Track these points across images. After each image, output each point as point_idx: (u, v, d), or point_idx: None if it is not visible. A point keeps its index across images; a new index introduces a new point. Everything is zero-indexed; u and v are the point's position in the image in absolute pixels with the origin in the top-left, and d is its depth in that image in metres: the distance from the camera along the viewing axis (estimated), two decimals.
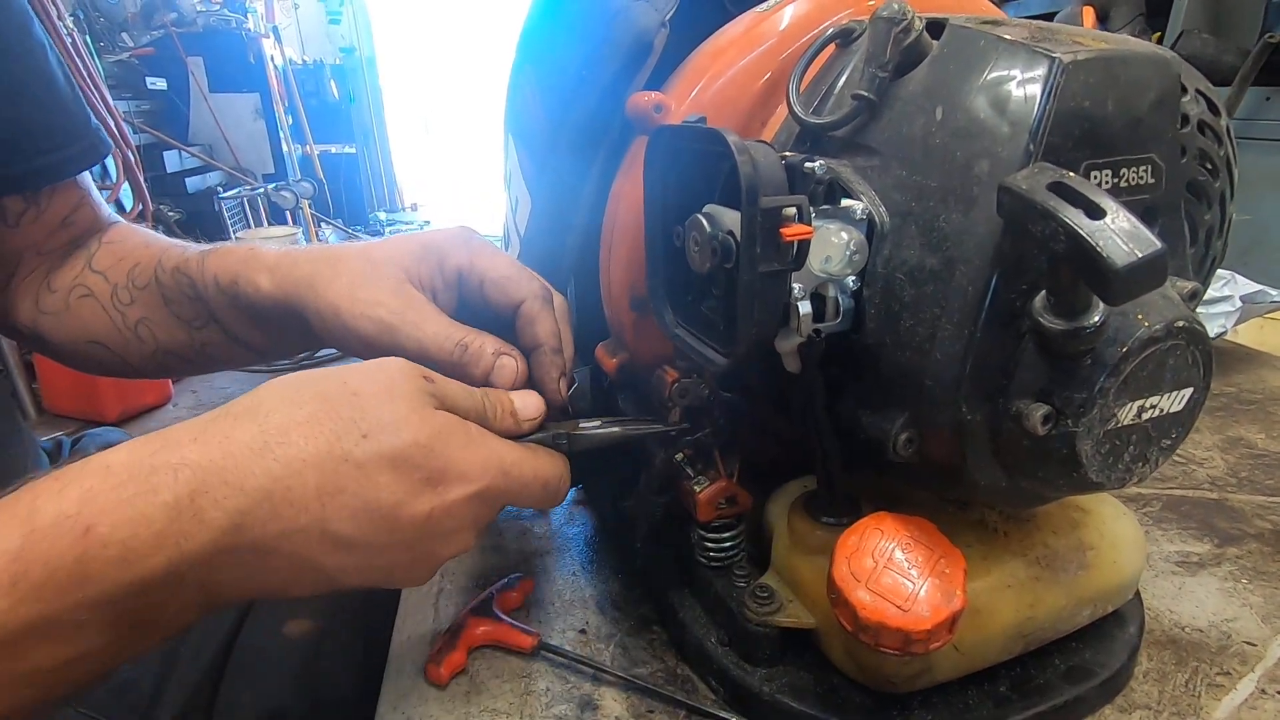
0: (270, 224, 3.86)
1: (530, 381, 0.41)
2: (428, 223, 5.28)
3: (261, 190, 3.83)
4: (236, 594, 0.32)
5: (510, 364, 0.39)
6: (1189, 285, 0.31)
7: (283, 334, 0.48)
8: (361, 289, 0.41)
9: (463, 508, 0.33)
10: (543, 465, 0.37)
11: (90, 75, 2.84)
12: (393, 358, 0.35)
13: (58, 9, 2.59)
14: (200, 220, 3.51)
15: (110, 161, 3.03)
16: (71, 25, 2.70)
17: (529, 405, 0.38)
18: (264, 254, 0.46)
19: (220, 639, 0.55)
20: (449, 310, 0.43)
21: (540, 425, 0.38)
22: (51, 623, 0.27)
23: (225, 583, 0.31)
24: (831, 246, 0.31)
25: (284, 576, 0.31)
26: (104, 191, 2.95)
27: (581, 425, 0.39)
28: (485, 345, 0.39)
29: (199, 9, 3.78)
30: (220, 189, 3.70)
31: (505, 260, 0.43)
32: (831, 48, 0.37)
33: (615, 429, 0.40)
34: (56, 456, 0.64)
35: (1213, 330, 0.78)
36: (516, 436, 0.37)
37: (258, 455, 0.30)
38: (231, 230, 3.57)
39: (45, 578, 0.27)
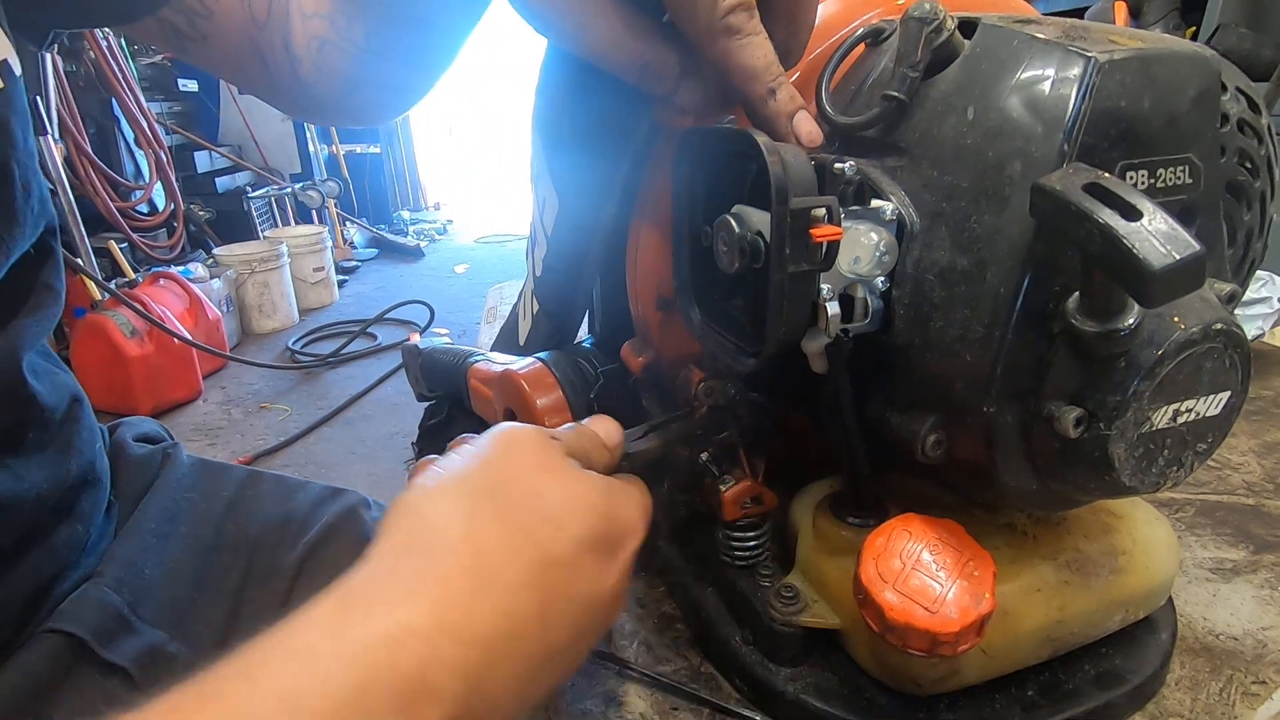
0: (297, 223, 3.92)
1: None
2: (450, 222, 5.33)
3: (289, 190, 3.89)
4: None
5: (807, 122, 0.34)
6: (1227, 287, 0.30)
7: None
8: None
9: (630, 563, 0.31)
10: (644, 488, 0.35)
11: (125, 77, 2.91)
12: (511, 425, 0.32)
13: None
14: (229, 219, 3.58)
15: (143, 161, 3.10)
16: (107, 29, 2.77)
17: (611, 432, 0.36)
18: None
19: (267, 627, 0.56)
20: None
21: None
22: None
23: None
24: (861, 247, 0.31)
25: (510, 713, 0.27)
26: (136, 193, 3.03)
27: (632, 441, 0.39)
28: (784, 101, 0.33)
29: None
30: (249, 189, 3.77)
31: None
32: (861, 47, 0.37)
33: (656, 440, 0.40)
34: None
35: (1250, 332, 0.77)
36: (611, 467, 0.36)
37: (475, 595, 0.25)
38: (260, 229, 3.64)
39: None
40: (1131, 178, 0.29)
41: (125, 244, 2.86)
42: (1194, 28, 1.76)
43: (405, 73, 0.54)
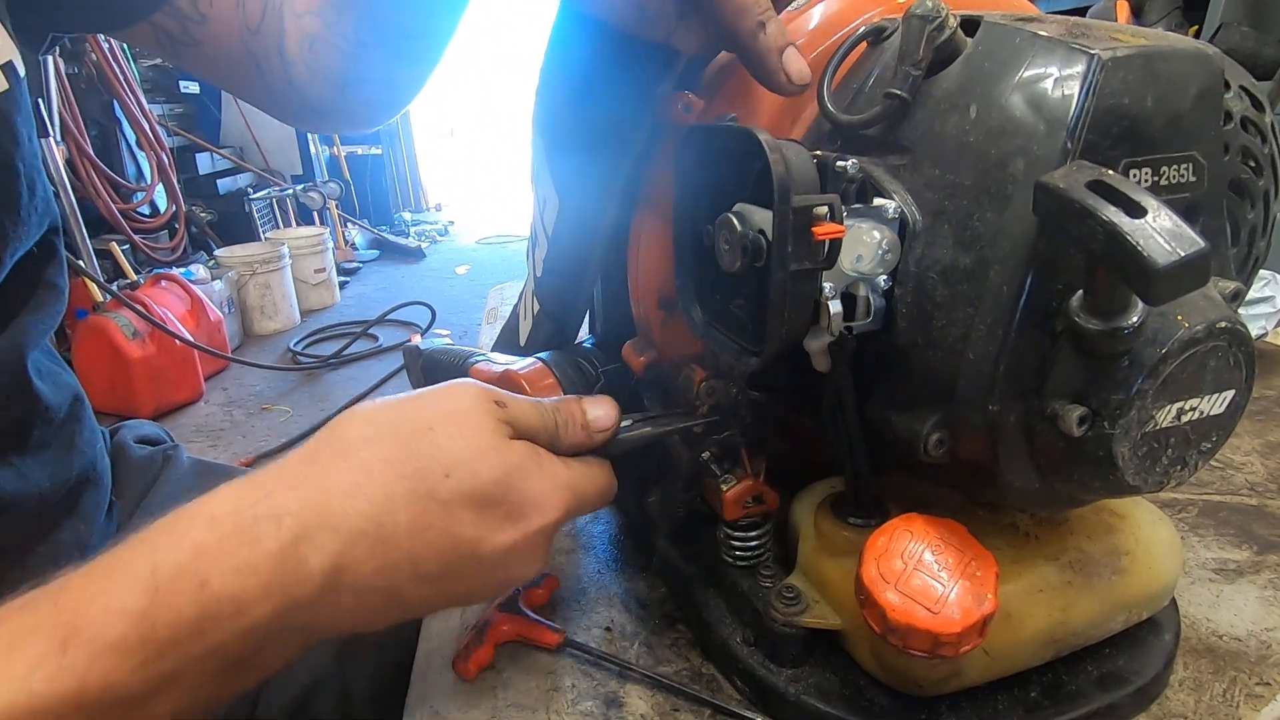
0: (298, 224, 3.93)
1: None
2: (452, 223, 5.33)
3: (290, 191, 3.90)
4: (333, 631, 0.32)
5: (796, 58, 0.34)
6: (1231, 285, 0.30)
7: None
8: None
9: (539, 536, 0.34)
10: (599, 476, 0.37)
11: (126, 79, 2.91)
12: (462, 381, 0.35)
13: None
14: (231, 221, 3.59)
15: (145, 163, 3.10)
16: None
17: (601, 416, 0.38)
18: None
19: None
20: None
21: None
22: (174, 676, 0.28)
23: (324, 622, 0.31)
24: (863, 245, 0.31)
25: (376, 612, 0.32)
26: (138, 194, 3.03)
27: (621, 425, 0.39)
28: (775, 35, 0.34)
29: None
30: (250, 190, 3.77)
31: None
32: (863, 46, 0.37)
33: (648, 428, 0.40)
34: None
35: (1253, 331, 0.76)
36: (588, 449, 0.37)
37: (350, 496, 0.30)
38: (261, 231, 3.64)
39: (169, 635, 0.27)
40: (1135, 176, 0.28)
41: (127, 246, 2.86)
42: (1196, 26, 1.76)
43: (395, 66, 0.54)
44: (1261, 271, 0.76)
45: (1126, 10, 1.66)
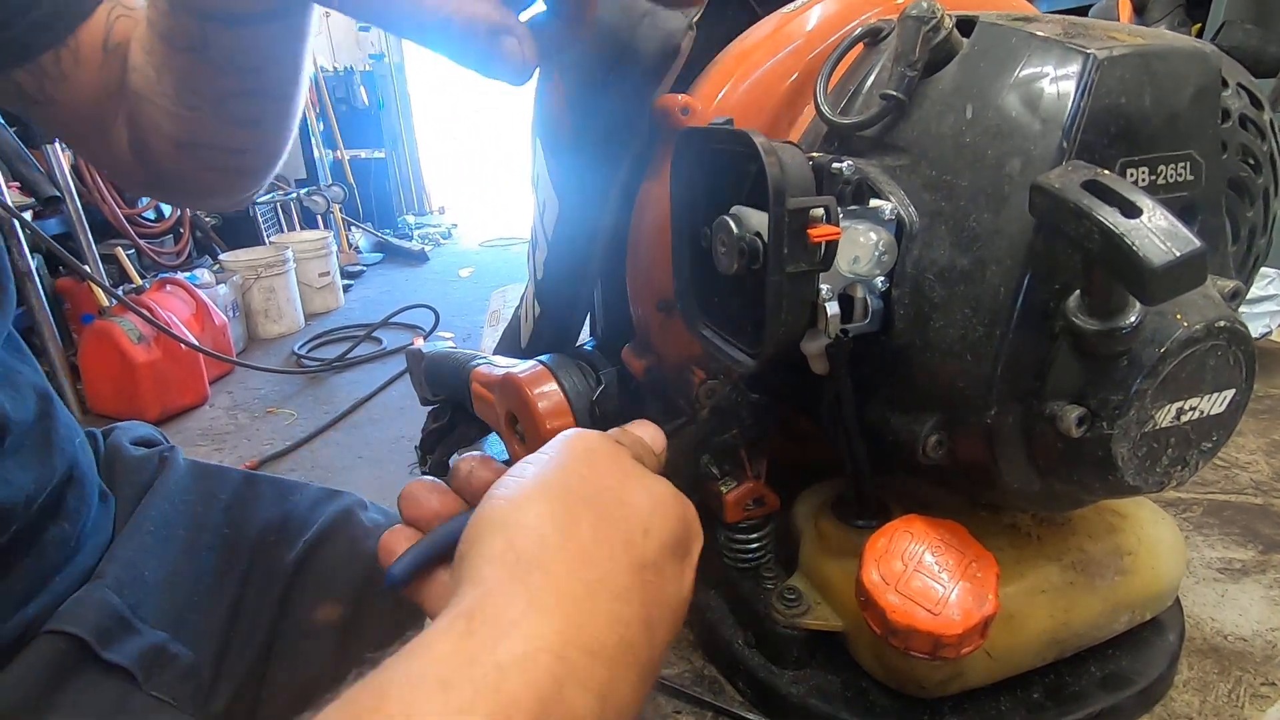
0: (302, 228, 3.94)
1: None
2: (455, 225, 5.34)
3: (294, 195, 3.91)
4: None
5: (513, 46, 0.29)
6: (1230, 284, 0.30)
7: None
8: None
9: (696, 564, 0.31)
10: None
11: None
12: (579, 431, 0.32)
13: None
14: (235, 224, 3.60)
15: None
16: None
17: (654, 436, 0.36)
18: None
19: (265, 627, 0.57)
20: None
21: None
22: None
23: None
24: (860, 247, 0.31)
25: (639, 693, 0.26)
26: (143, 199, 3.05)
27: None
28: (476, 15, 0.29)
29: None
30: None
31: None
32: (859, 47, 0.37)
33: (675, 442, 0.38)
34: (98, 448, 0.63)
35: (1256, 330, 0.76)
36: (658, 470, 0.35)
37: (590, 601, 0.25)
38: (266, 234, 3.66)
39: None
40: (1131, 175, 0.28)
41: (132, 250, 2.87)
42: (1199, 24, 1.75)
43: (230, 130, 0.48)
44: (1265, 270, 0.76)
45: (1129, 9, 1.66)
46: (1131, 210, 0.23)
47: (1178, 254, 0.22)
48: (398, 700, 0.21)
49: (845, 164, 0.32)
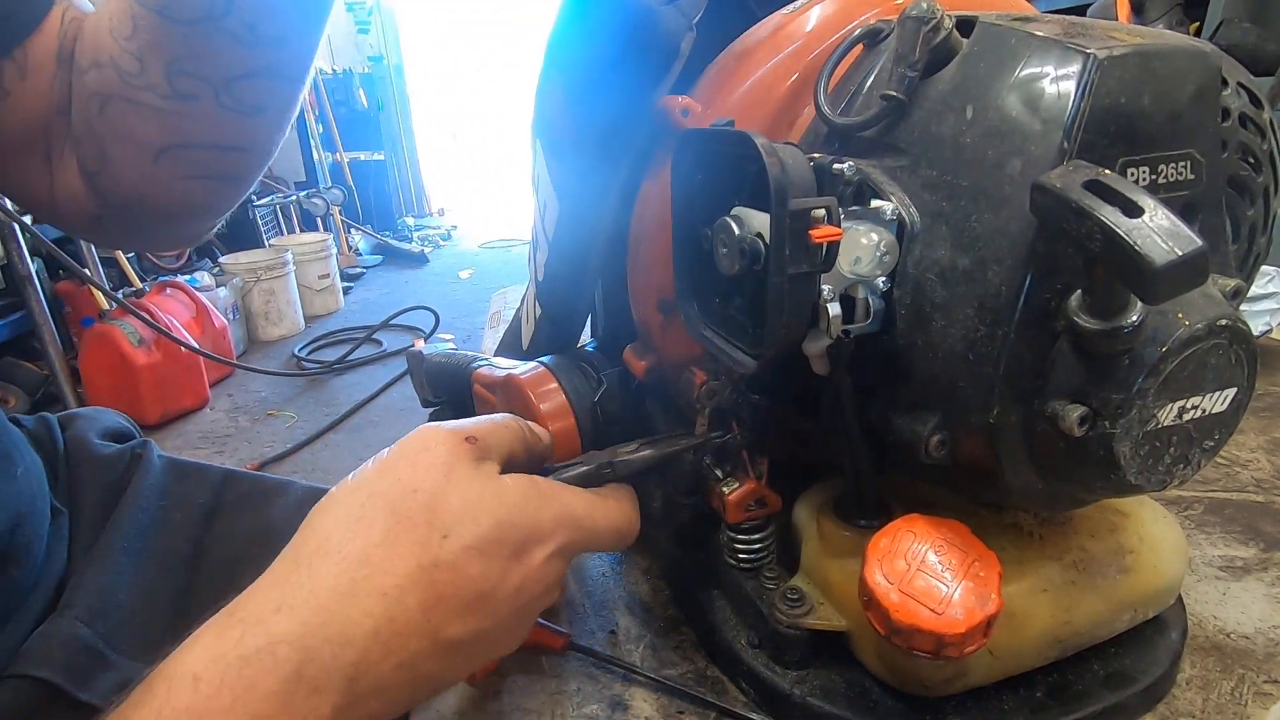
0: (302, 230, 3.94)
1: None
2: (455, 227, 5.35)
3: (294, 198, 3.91)
4: None
5: None
6: (1231, 283, 0.30)
7: None
8: None
9: (545, 568, 0.32)
10: (612, 511, 0.36)
11: None
12: (429, 428, 0.33)
13: None
14: (235, 227, 3.60)
15: None
16: None
17: (546, 431, 0.38)
18: None
19: None
20: None
21: (577, 460, 0.38)
22: None
23: None
24: (861, 248, 0.31)
25: (404, 701, 0.30)
26: None
27: (620, 451, 0.39)
28: None
29: None
30: (254, 197, 3.78)
31: None
32: (859, 48, 0.37)
33: (651, 450, 0.40)
34: (46, 439, 0.54)
35: (1257, 328, 0.76)
36: (544, 463, 0.37)
37: (350, 597, 0.28)
38: (265, 237, 3.66)
39: None
40: (1132, 174, 0.28)
41: (132, 254, 2.88)
42: (1198, 23, 1.75)
43: (226, 121, 0.42)
44: (1267, 268, 0.76)
45: (1127, 8, 1.66)
46: (1133, 210, 0.24)
47: (1180, 253, 0.22)
48: (158, 695, 0.25)
49: (846, 165, 0.32)
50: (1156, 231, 0.23)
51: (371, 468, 0.32)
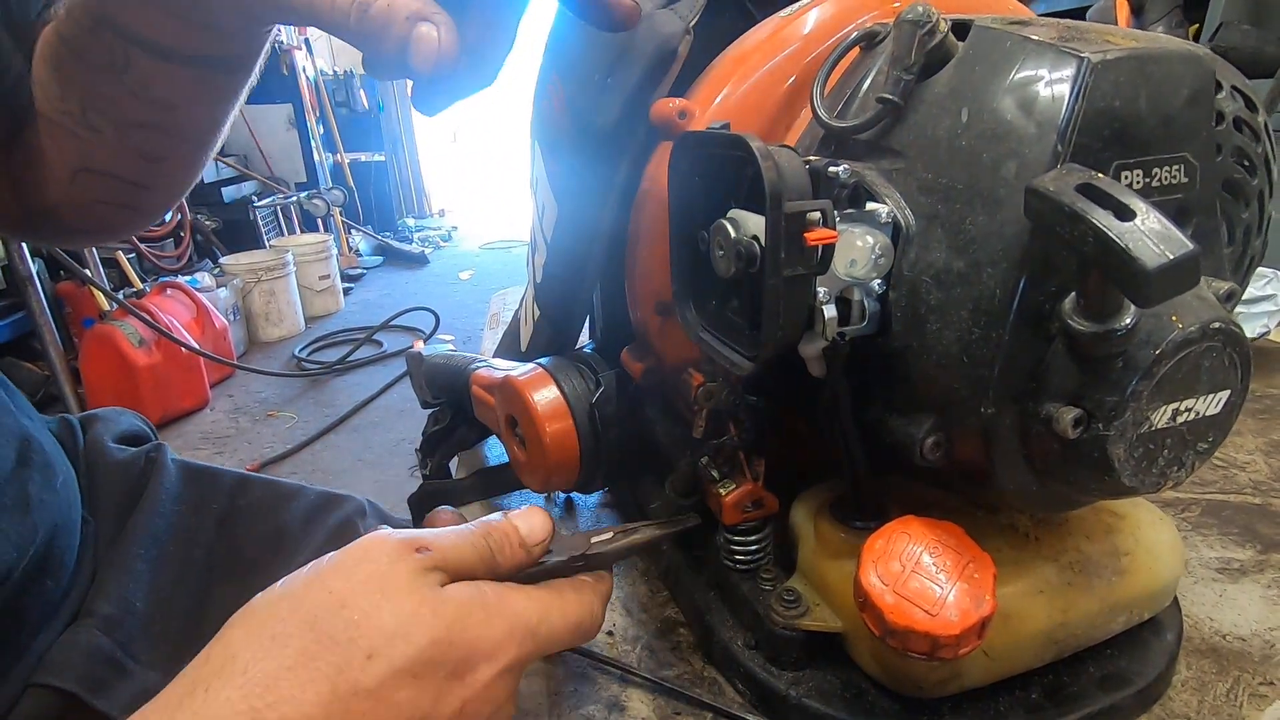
0: (303, 231, 3.95)
1: (468, 44, 0.30)
2: (455, 228, 5.35)
3: (295, 199, 3.92)
4: None
5: (429, 34, 0.29)
6: (1225, 285, 0.30)
7: (186, 9, 0.37)
8: None
9: (492, 688, 0.29)
10: (570, 608, 0.32)
11: None
12: (376, 537, 0.30)
13: None
14: (236, 229, 3.61)
15: None
16: None
17: (535, 528, 0.33)
18: None
19: None
20: None
21: (549, 547, 0.35)
22: None
23: None
24: (856, 250, 0.31)
25: None
26: None
27: (593, 540, 0.37)
28: (396, 5, 0.29)
29: None
30: (255, 198, 3.79)
31: None
32: (855, 51, 0.37)
33: (629, 539, 0.38)
34: (70, 443, 0.56)
35: (1255, 330, 0.76)
36: (530, 566, 0.33)
37: None
38: (266, 238, 3.66)
39: None
40: (1126, 178, 0.29)
41: (132, 254, 2.88)
42: (1197, 25, 1.75)
43: (130, 160, 0.45)
44: (1264, 270, 0.76)
45: (1126, 10, 1.66)
46: (1125, 213, 0.24)
47: (1171, 256, 0.22)
48: None
49: (842, 167, 0.32)
50: (1148, 235, 0.23)
51: (304, 575, 0.28)
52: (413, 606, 0.27)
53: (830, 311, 0.31)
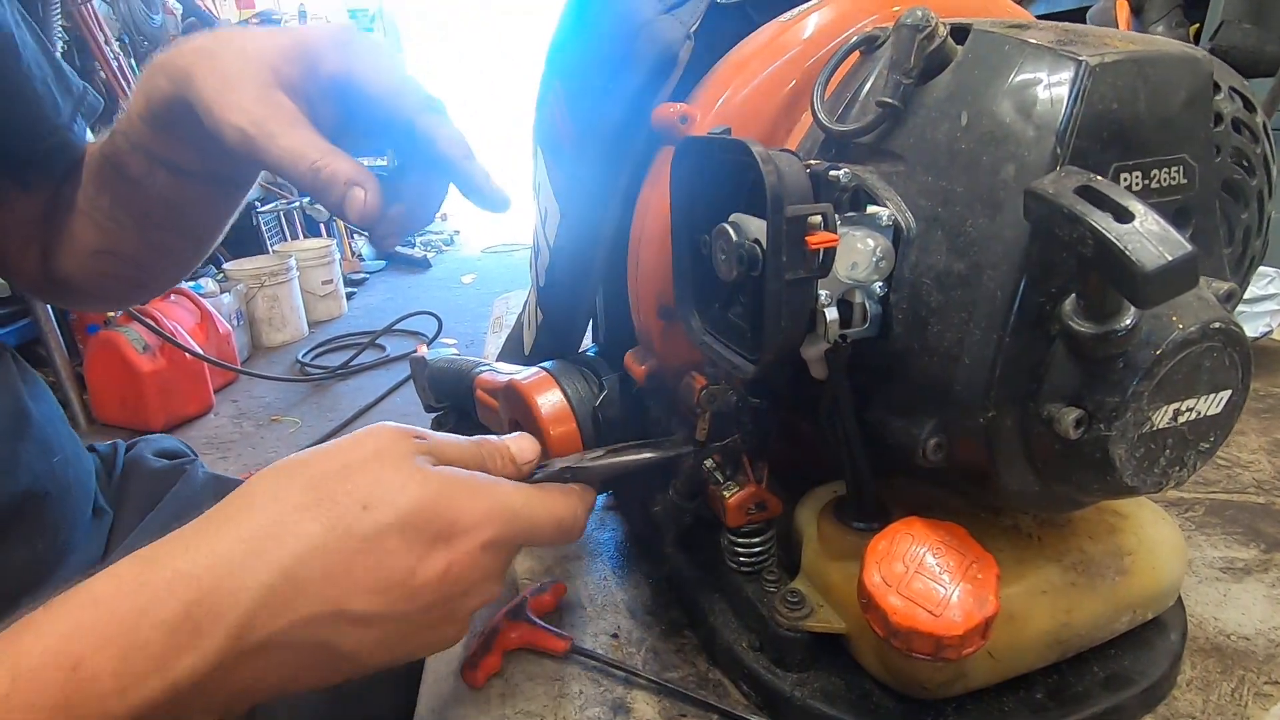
0: (305, 236, 3.95)
1: (414, 202, 0.42)
2: (457, 232, 5.36)
3: (297, 204, 3.92)
4: (264, 690, 0.30)
5: (359, 195, 0.38)
6: (1225, 286, 0.30)
7: (201, 142, 0.43)
8: (229, 90, 0.38)
9: (477, 558, 0.32)
10: (554, 503, 0.36)
11: None
12: (383, 424, 0.34)
13: (105, 35, 2.69)
14: (238, 233, 3.61)
15: None
16: (118, 50, 2.81)
17: (524, 449, 0.38)
18: (164, 53, 0.43)
19: None
20: (330, 124, 0.40)
21: (540, 464, 0.39)
22: None
23: (247, 684, 0.29)
24: (857, 253, 0.32)
25: (308, 668, 0.30)
26: None
27: (585, 458, 0.40)
28: (338, 172, 0.37)
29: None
30: (257, 203, 3.80)
31: (388, 68, 0.40)
32: (855, 55, 0.37)
33: (619, 458, 0.40)
34: (112, 462, 0.65)
35: (1258, 329, 0.76)
36: (517, 479, 0.37)
37: (254, 553, 0.29)
38: (269, 243, 3.67)
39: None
40: (1125, 179, 0.29)
41: None
42: (1198, 24, 1.75)
43: (145, 251, 0.54)
44: (1266, 269, 0.76)
45: (1126, 10, 1.66)
46: (1124, 215, 0.24)
47: (1169, 258, 0.23)
48: (58, 610, 0.27)
49: (842, 171, 0.32)
50: (1146, 236, 0.23)
51: (315, 449, 0.33)
52: (404, 476, 0.31)
53: (832, 314, 0.32)
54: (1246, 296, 0.74)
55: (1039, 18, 0.39)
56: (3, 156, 0.51)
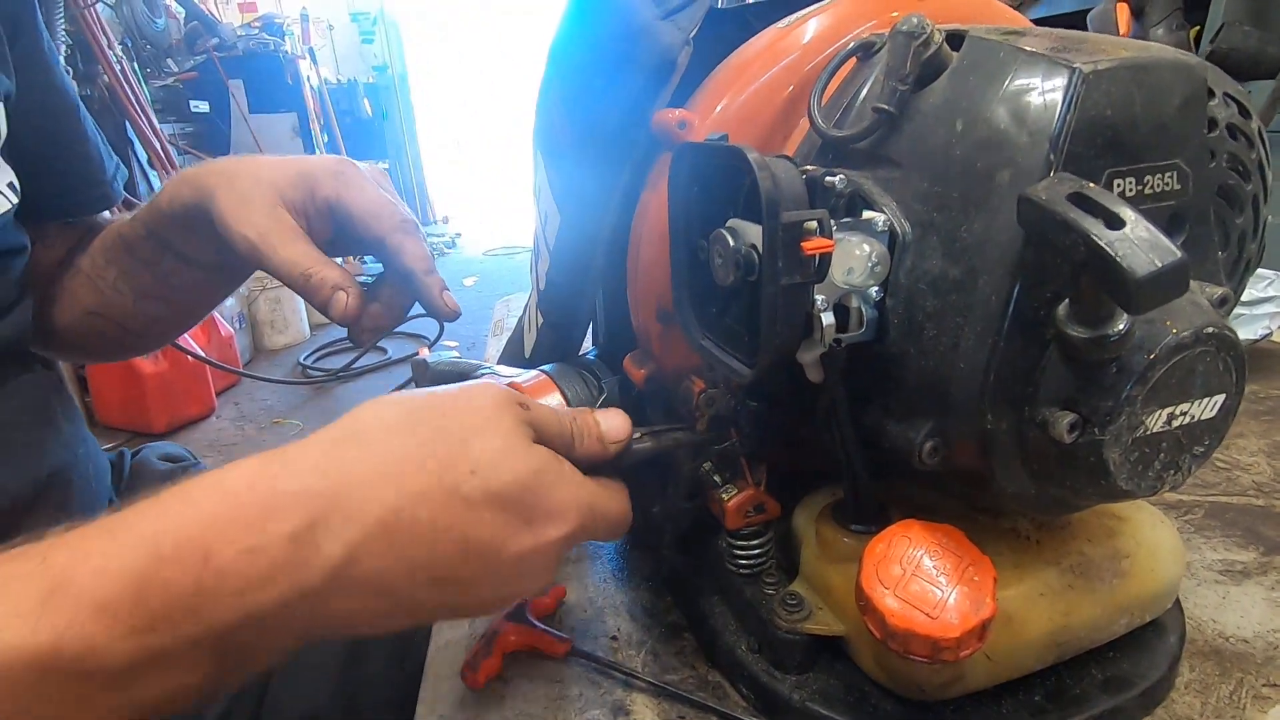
0: None
1: (388, 304, 0.48)
2: (459, 235, 5.37)
3: None
4: (337, 629, 0.30)
5: (341, 299, 0.44)
6: (1219, 290, 0.31)
7: (214, 241, 0.48)
8: (242, 206, 0.45)
9: (553, 547, 0.33)
10: (615, 503, 0.36)
11: (138, 100, 2.96)
12: (486, 382, 0.35)
13: (108, 39, 2.71)
14: None
15: (157, 182, 3.15)
16: (121, 54, 2.82)
17: (615, 427, 0.38)
18: (190, 169, 0.50)
19: None
20: (324, 237, 0.47)
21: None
22: (162, 655, 0.26)
23: (330, 617, 0.29)
24: (853, 258, 0.32)
25: (383, 614, 0.30)
26: None
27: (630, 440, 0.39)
28: (326, 278, 0.44)
29: (239, 34, 3.92)
30: None
31: (372, 194, 0.47)
32: (852, 61, 0.38)
33: (653, 441, 0.40)
34: (120, 469, 0.67)
35: (1257, 332, 0.76)
36: (601, 461, 0.37)
37: (373, 485, 0.29)
38: None
39: (163, 606, 0.26)
40: (1119, 186, 0.29)
41: None
42: (1198, 26, 1.75)
43: (134, 317, 0.59)
44: (1265, 272, 0.76)
45: (1126, 12, 1.66)
46: (1115, 222, 0.24)
47: (1159, 264, 0.23)
48: (190, 496, 0.29)
49: (838, 177, 0.33)
50: (1138, 243, 0.23)
51: (425, 392, 0.33)
52: (510, 446, 0.32)
53: (828, 319, 0.32)
54: (1245, 299, 0.74)
55: (1039, 21, 0.39)
56: (62, 199, 0.58)
